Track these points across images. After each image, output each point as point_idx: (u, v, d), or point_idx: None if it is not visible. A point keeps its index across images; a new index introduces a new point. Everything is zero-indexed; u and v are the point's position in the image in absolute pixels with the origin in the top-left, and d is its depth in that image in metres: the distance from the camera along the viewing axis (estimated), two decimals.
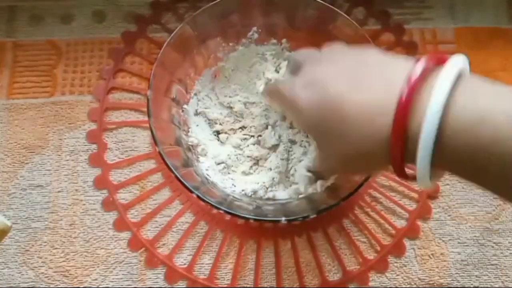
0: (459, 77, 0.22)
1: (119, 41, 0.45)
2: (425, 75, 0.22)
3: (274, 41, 0.41)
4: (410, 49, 0.46)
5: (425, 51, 0.46)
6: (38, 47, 0.45)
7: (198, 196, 0.32)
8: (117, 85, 0.44)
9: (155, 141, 0.33)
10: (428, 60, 0.23)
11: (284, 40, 0.41)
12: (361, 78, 0.25)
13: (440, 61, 0.23)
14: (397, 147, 0.22)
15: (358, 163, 0.26)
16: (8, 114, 0.43)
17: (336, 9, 0.37)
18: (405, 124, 0.22)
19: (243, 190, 0.38)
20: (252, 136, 0.40)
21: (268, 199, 0.38)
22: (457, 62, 0.22)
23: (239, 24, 0.40)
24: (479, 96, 0.21)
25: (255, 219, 0.33)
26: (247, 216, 0.33)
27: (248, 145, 0.39)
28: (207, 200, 0.32)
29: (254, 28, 0.40)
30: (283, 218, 0.32)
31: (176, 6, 0.46)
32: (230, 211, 0.32)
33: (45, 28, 0.46)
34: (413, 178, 0.24)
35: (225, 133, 0.40)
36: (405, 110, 0.22)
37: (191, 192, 0.32)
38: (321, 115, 0.26)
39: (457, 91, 0.21)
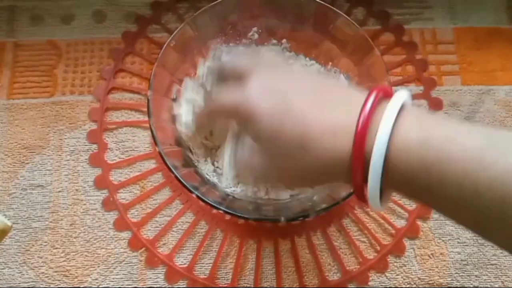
0: (402, 109, 0.23)
1: (119, 41, 0.45)
2: (376, 106, 0.24)
3: (275, 41, 0.41)
4: (410, 49, 0.46)
5: (425, 51, 0.46)
6: (38, 47, 0.45)
7: (197, 196, 0.32)
8: (118, 85, 0.44)
9: (155, 141, 0.33)
10: (377, 93, 0.24)
11: (284, 40, 0.41)
12: (324, 97, 0.26)
13: (387, 95, 0.25)
14: (358, 171, 0.24)
15: (313, 178, 0.27)
16: (8, 114, 0.43)
17: (336, 9, 0.37)
18: (362, 151, 0.23)
19: (242, 190, 0.38)
20: None
21: (269, 199, 0.38)
22: (402, 96, 0.24)
23: (239, 24, 0.40)
24: (421, 123, 0.23)
25: (255, 219, 0.33)
26: (247, 216, 0.33)
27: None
28: (207, 201, 0.32)
29: (255, 29, 0.40)
30: (282, 218, 0.32)
31: (176, 6, 0.46)
32: (230, 211, 0.32)
33: (45, 28, 0.46)
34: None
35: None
36: (363, 137, 0.23)
37: (191, 192, 0.32)
38: (281, 126, 0.25)
39: (401, 120, 0.23)
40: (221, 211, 0.32)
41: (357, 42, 0.37)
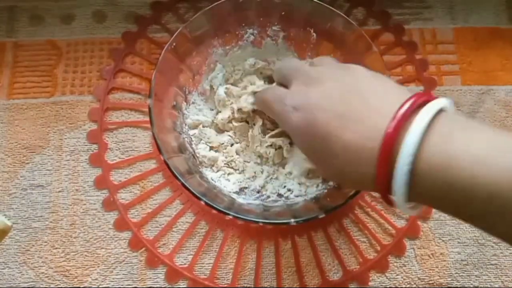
0: (438, 116, 0.23)
1: (119, 41, 0.45)
2: (411, 112, 0.23)
3: (271, 42, 0.41)
4: (410, 49, 0.46)
5: (425, 51, 0.46)
6: (38, 47, 0.45)
7: (207, 203, 0.31)
8: (118, 85, 0.44)
9: (160, 151, 0.32)
10: (416, 98, 0.24)
11: (280, 41, 0.41)
12: (352, 108, 0.26)
13: (428, 100, 0.24)
14: (382, 182, 0.24)
15: (348, 184, 0.30)
16: (8, 114, 0.43)
17: (333, 8, 0.37)
18: (389, 161, 0.23)
19: (246, 188, 0.38)
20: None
21: (275, 200, 0.37)
22: (438, 104, 0.23)
23: (236, 26, 0.40)
24: (451, 139, 0.22)
25: (265, 223, 0.33)
26: (257, 220, 0.33)
27: (236, 163, 0.39)
28: (216, 207, 0.32)
29: (250, 30, 0.40)
30: (292, 220, 0.32)
31: (176, 7, 0.46)
32: (240, 216, 0.32)
33: (45, 28, 0.46)
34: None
35: (216, 150, 0.40)
36: (390, 146, 0.23)
37: (199, 199, 0.32)
38: (310, 139, 0.27)
39: (431, 131, 0.22)
40: (230, 216, 0.32)
41: (356, 42, 0.37)
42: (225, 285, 0.39)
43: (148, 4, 0.47)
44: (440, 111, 0.24)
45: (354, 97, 0.26)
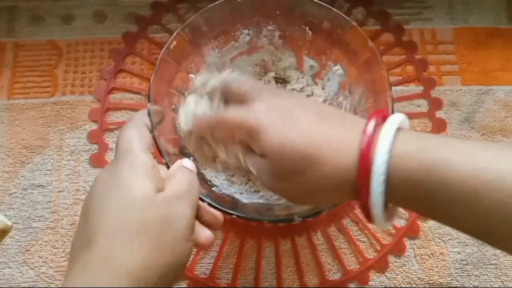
0: (400, 128, 0.24)
1: (119, 41, 0.45)
2: (377, 128, 0.25)
3: (267, 43, 0.41)
4: (410, 49, 0.46)
5: (425, 51, 0.46)
6: (38, 47, 0.45)
7: (210, 204, 0.31)
8: (118, 86, 0.44)
9: (161, 154, 0.32)
10: (377, 117, 0.25)
11: (276, 39, 0.41)
12: (327, 115, 0.27)
13: (385, 119, 0.25)
14: (364, 187, 0.24)
15: (321, 195, 0.27)
16: (9, 114, 0.43)
17: (331, 7, 0.36)
18: (368, 169, 0.23)
19: (249, 194, 0.38)
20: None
21: (279, 198, 0.37)
22: (398, 117, 0.25)
23: (231, 27, 0.40)
24: (418, 135, 0.24)
25: (270, 221, 0.33)
26: (261, 218, 0.32)
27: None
28: (222, 208, 0.32)
29: (246, 31, 0.40)
30: (296, 217, 0.32)
31: (176, 7, 0.46)
32: (244, 216, 0.32)
33: (45, 29, 0.46)
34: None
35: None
36: (367, 155, 0.24)
37: (203, 200, 0.32)
38: (286, 137, 0.26)
39: (400, 135, 0.24)
40: (234, 216, 0.32)
41: (356, 41, 0.37)
42: (225, 285, 0.39)
43: (148, 5, 0.47)
44: (398, 128, 0.25)
45: (329, 113, 0.28)
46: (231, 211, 0.32)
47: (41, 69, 0.45)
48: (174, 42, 0.36)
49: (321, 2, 0.37)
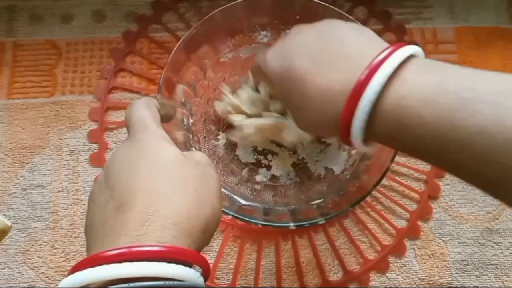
0: (407, 62, 0.24)
1: (119, 40, 0.45)
2: (385, 60, 0.24)
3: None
4: None
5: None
6: (38, 47, 0.45)
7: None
8: (118, 85, 0.44)
9: None
10: (393, 48, 0.24)
11: None
12: (328, 54, 0.26)
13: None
14: (346, 123, 0.25)
15: (316, 130, 0.30)
16: (8, 114, 0.43)
17: (346, 14, 0.36)
18: (356, 105, 0.24)
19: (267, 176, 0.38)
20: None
21: (282, 202, 0.37)
22: (406, 51, 0.24)
23: (249, 27, 0.39)
24: (405, 81, 0.23)
25: (264, 225, 0.33)
26: (257, 222, 0.33)
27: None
28: (229, 213, 0.32)
29: (264, 32, 0.40)
30: (292, 224, 0.32)
31: (176, 6, 0.46)
32: (244, 218, 0.32)
33: (45, 28, 0.46)
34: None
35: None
36: (360, 92, 0.24)
37: None
38: (285, 86, 0.28)
39: (396, 75, 0.23)
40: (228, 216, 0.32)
41: None
42: (225, 285, 0.39)
43: (148, 4, 0.46)
44: (411, 57, 0.24)
45: (332, 44, 0.27)
46: (237, 215, 0.32)
47: (40, 68, 0.44)
48: (189, 37, 0.36)
49: (337, 9, 0.37)
